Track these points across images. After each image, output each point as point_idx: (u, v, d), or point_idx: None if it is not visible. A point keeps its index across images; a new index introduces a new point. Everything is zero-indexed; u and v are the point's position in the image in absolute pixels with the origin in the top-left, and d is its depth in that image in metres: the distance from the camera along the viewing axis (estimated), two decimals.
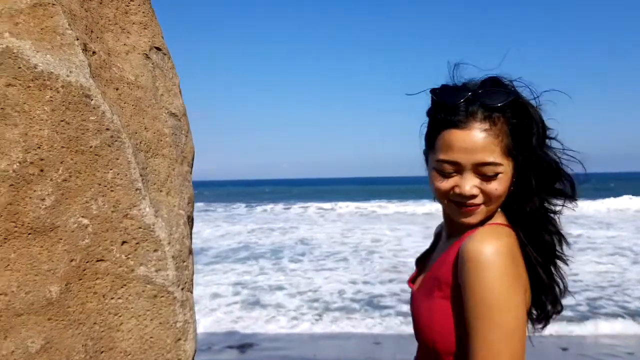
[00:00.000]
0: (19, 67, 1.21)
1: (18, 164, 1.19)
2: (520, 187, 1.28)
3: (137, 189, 1.30)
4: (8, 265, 1.16)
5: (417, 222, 21.65)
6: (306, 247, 15.93)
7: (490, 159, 1.21)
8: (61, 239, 1.21)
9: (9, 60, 1.20)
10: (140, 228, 1.30)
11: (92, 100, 1.27)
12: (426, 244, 1.64)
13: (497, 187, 1.23)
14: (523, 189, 1.28)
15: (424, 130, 1.37)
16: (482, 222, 1.28)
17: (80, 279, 1.23)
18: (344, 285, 10.28)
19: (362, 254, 14.53)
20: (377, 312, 8.30)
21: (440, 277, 1.27)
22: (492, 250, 1.15)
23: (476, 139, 1.20)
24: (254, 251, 14.93)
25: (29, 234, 1.19)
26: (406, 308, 8.69)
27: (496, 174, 1.22)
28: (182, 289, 1.35)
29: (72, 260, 1.22)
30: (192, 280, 1.42)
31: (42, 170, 1.21)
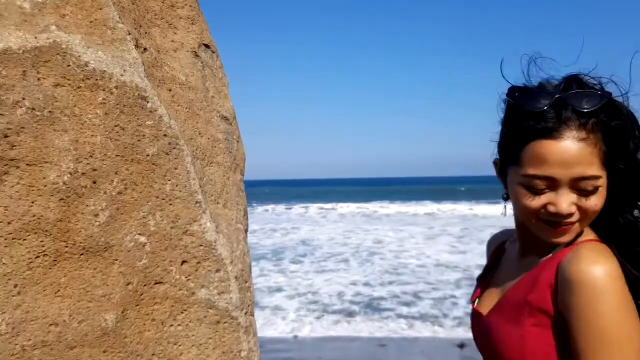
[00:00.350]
0: (69, 65, 1.06)
1: (69, 175, 1.04)
2: (611, 198, 1.14)
3: (197, 202, 1.16)
4: (58, 290, 1.02)
5: (419, 222, 21.55)
6: (307, 248, 15.82)
7: (590, 172, 1.06)
8: (116, 260, 1.07)
9: (57, 57, 1.06)
10: (201, 246, 1.15)
11: (148, 102, 1.12)
12: (428, 245, 1.49)
13: (597, 202, 1.09)
14: (615, 199, 1.14)
15: (497, 138, 1.23)
16: (572, 240, 1.14)
17: (138, 305, 1.09)
18: (344, 287, 10.17)
19: (363, 255, 14.44)
20: (377, 315, 8.20)
21: (531, 302, 1.13)
22: (604, 272, 1.02)
23: (573, 150, 1.06)
24: (255, 252, 14.80)
25: (81, 254, 1.04)
26: (407, 311, 8.58)
27: (596, 188, 1.08)
28: (246, 313, 1.21)
29: (128, 284, 1.08)
30: (253, 302, 1.28)
31: (94, 182, 1.06)
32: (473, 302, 1.38)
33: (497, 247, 1.47)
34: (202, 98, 1.38)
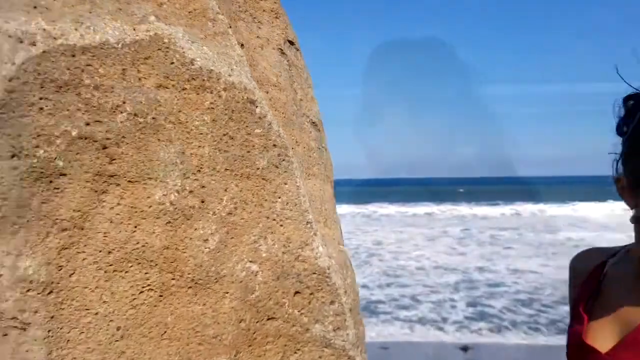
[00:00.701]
0: (172, 63, 0.90)
1: (176, 194, 0.87)
2: None
3: (307, 223, 1.00)
4: (165, 332, 0.85)
5: (418, 223, 21.46)
6: None
7: None
8: (227, 293, 0.91)
9: (159, 53, 0.89)
10: (314, 274, 0.99)
11: (257, 107, 0.96)
12: (427, 247, 1.32)
13: None
14: None
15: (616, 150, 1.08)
16: None
17: (250, 345, 0.93)
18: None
19: (362, 257, 14.31)
20: (375, 318, 8.08)
21: None
22: None
23: None
24: None
25: (189, 287, 0.88)
26: (404, 314, 8.45)
27: None
28: (361, 351, 1.05)
29: (241, 321, 0.91)
30: (364, 337, 1.12)
31: (202, 201, 0.90)
32: (579, 336, 1.19)
33: (594, 269, 1.30)
34: (291, 101, 1.22)
